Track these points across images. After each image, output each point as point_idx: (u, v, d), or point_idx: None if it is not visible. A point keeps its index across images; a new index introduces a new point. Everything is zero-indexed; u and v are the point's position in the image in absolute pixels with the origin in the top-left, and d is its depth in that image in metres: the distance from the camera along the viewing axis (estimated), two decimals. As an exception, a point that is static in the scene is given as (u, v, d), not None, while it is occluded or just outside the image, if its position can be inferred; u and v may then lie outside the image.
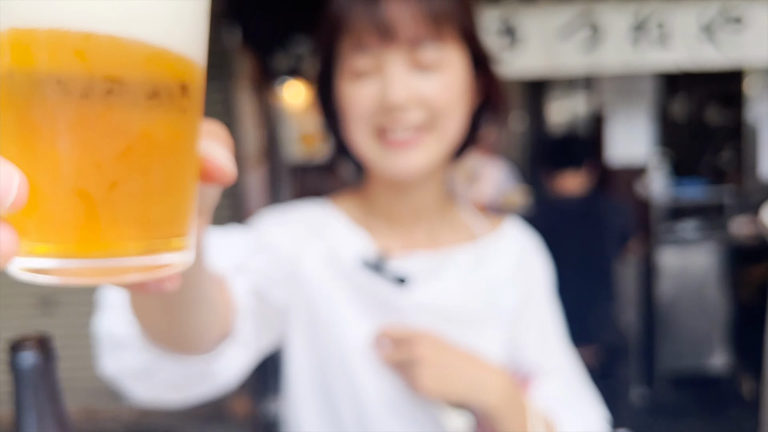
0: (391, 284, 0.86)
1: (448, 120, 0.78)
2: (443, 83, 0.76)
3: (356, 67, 0.76)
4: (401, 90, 0.74)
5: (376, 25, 0.73)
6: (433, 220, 0.92)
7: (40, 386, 0.62)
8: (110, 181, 0.29)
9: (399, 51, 0.74)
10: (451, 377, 0.78)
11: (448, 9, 0.76)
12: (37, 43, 0.27)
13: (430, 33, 0.74)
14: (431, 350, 0.78)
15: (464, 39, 0.80)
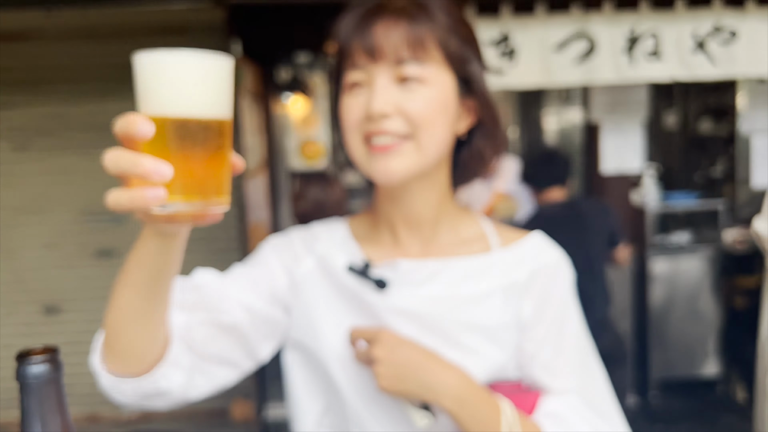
0: (372, 289, 0.92)
1: (426, 131, 0.85)
2: (423, 97, 0.84)
3: (350, 81, 0.86)
4: (383, 101, 0.83)
5: (366, 46, 0.83)
6: (433, 229, 0.96)
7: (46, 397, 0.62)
8: (203, 170, 0.60)
9: (384, 67, 0.84)
10: (404, 378, 0.84)
11: (431, 33, 0.85)
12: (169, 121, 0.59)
13: (411, 53, 0.83)
14: (386, 351, 0.85)
15: (449, 61, 0.87)
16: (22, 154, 3.91)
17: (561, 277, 0.98)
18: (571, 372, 0.94)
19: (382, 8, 0.86)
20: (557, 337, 0.94)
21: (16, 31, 3.78)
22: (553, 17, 3.33)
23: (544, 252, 0.98)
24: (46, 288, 3.99)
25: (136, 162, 0.57)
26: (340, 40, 0.88)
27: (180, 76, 0.56)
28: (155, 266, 0.76)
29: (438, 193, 0.95)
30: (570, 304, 0.98)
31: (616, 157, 4.02)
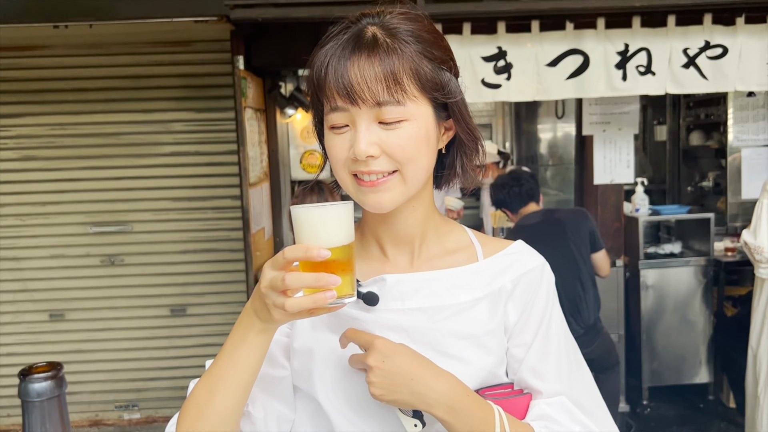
0: (360, 305, 0.95)
1: (411, 165, 0.88)
2: (405, 135, 0.87)
3: (333, 122, 0.88)
4: (367, 143, 0.85)
5: (344, 91, 0.85)
6: (420, 243, 0.99)
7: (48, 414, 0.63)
8: (347, 275, 0.81)
9: (365, 109, 0.85)
10: (396, 388, 0.86)
11: (405, 68, 0.86)
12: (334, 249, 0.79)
13: (389, 95, 0.85)
14: (380, 360, 0.86)
15: (425, 91, 0.88)
16: (28, 164, 3.97)
17: (544, 282, 1.01)
18: (558, 374, 0.96)
19: (357, 45, 0.86)
20: (543, 341, 0.97)
21: (24, 43, 3.86)
22: (547, 34, 3.42)
23: (527, 259, 1.02)
24: (51, 295, 4.04)
25: (319, 278, 0.76)
26: (317, 80, 0.89)
27: (333, 220, 0.80)
28: (257, 364, 0.88)
29: (424, 209, 0.98)
30: (554, 308, 1.01)
31: (609, 169, 4.10)
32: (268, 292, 0.79)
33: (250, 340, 0.86)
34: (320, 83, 0.88)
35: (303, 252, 0.77)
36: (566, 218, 3.15)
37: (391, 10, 0.91)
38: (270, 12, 3.32)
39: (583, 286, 3.08)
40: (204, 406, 0.88)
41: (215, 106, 3.98)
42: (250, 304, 0.86)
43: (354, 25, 0.90)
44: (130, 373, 4.12)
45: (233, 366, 0.87)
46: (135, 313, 4.09)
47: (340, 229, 0.81)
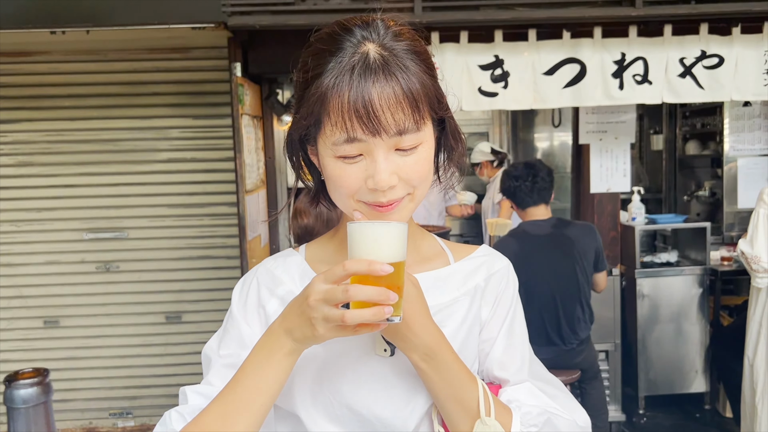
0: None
1: (422, 187, 0.89)
2: (421, 159, 0.86)
3: (346, 153, 0.83)
4: (387, 175, 0.83)
5: (367, 121, 0.80)
6: None
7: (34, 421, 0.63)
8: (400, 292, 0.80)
9: (386, 138, 0.82)
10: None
11: (420, 91, 0.83)
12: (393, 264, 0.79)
13: (412, 123, 0.82)
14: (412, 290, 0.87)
15: (432, 112, 0.88)
16: (24, 169, 3.96)
17: (511, 282, 1.05)
18: (522, 365, 1.02)
19: (366, 68, 0.81)
20: (508, 334, 1.02)
21: (21, 49, 3.85)
22: (544, 43, 3.43)
23: (494, 260, 1.06)
24: (45, 302, 4.03)
25: (382, 292, 0.76)
26: (326, 102, 0.82)
27: (392, 237, 0.80)
28: (281, 387, 0.86)
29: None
30: (517, 306, 1.05)
31: (605, 178, 4.11)
32: (320, 305, 0.78)
33: (277, 362, 0.83)
34: (327, 108, 0.82)
35: (366, 266, 0.77)
36: (576, 237, 3.05)
37: (376, 19, 0.87)
38: (267, 19, 3.32)
39: (583, 307, 3.08)
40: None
41: (212, 112, 3.98)
42: (279, 324, 0.84)
43: (346, 39, 0.84)
44: (124, 381, 4.10)
45: (256, 390, 0.84)
46: (130, 320, 4.07)
47: (397, 247, 0.80)
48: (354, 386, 0.93)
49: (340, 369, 0.94)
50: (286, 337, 0.83)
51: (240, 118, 3.39)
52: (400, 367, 0.94)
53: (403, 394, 0.94)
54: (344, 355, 0.94)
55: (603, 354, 4.06)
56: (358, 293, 0.76)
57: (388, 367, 0.94)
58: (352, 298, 0.76)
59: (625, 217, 4.34)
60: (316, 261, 1.02)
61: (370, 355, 0.94)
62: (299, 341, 0.82)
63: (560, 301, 3.00)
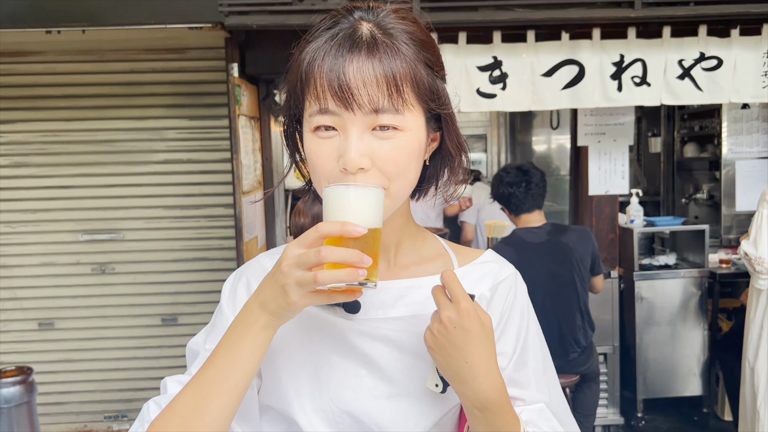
0: (341, 314, 0.91)
1: (400, 181, 0.83)
2: (399, 147, 0.81)
3: (319, 123, 0.81)
4: (359, 154, 0.79)
5: (340, 94, 0.78)
6: (396, 250, 0.96)
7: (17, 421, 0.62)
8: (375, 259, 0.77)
9: (360, 115, 0.79)
10: (448, 354, 0.82)
11: (407, 73, 0.80)
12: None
13: (389, 102, 0.79)
14: (453, 321, 0.81)
15: (420, 100, 0.83)
16: (19, 170, 3.94)
17: (519, 291, 0.99)
18: (537, 382, 0.96)
19: (353, 43, 0.79)
20: (522, 350, 0.96)
21: (16, 48, 3.83)
22: (543, 44, 3.42)
23: (500, 268, 1.00)
24: (40, 304, 4.00)
25: (355, 253, 0.74)
26: (305, 75, 0.81)
27: (367, 201, 0.78)
28: (256, 366, 0.82)
29: (402, 217, 0.95)
30: (530, 317, 0.99)
31: (604, 180, 4.10)
32: (292, 270, 0.75)
33: (252, 338, 0.80)
34: (308, 79, 0.81)
35: (339, 227, 0.74)
36: (573, 243, 2.99)
37: (383, 7, 0.85)
38: (265, 19, 3.31)
39: (583, 315, 3.05)
40: (191, 415, 0.80)
41: (209, 113, 3.96)
42: (254, 298, 0.81)
43: (345, 18, 0.83)
44: (119, 383, 4.07)
45: (230, 369, 0.80)
46: (125, 322, 4.05)
47: (372, 212, 0.77)
48: (356, 393, 0.90)
49: (341, 374, 0.91)
50: (260, 310, 0.80)
51: (237, 119, 3.37)
52: (405, 375, 0.91)
53: (408, 403, 0.91)
54: (346, 359, 0.91)
55: (601, 357, 4.05)
56: (330, 254, 0.73)
57: (393, 374, 0.91)
58: (324, 259, 0.73)
59: (624, 220, 4.33)
60: None
61: (373, 361, 0.91)
62: (274, 314, 0.79)
63: (559, 311, 2.98)
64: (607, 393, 4.05)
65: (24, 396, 0.75)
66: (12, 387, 0.72)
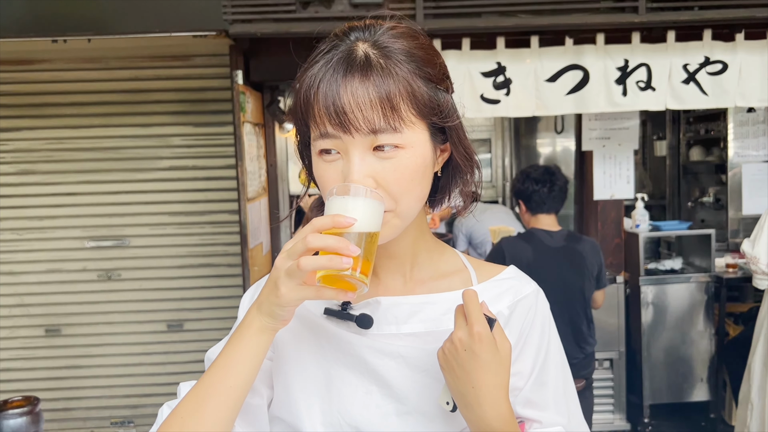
0: (353, 329, 0.91)
1: (405, 199, 0.83)
2: (401, 165, 0.81)
3: (323, 147, 0.82)
4: (361, 176, 0.79)
5: (336, 118, 0.78)
6: (412, 264, 0.95)
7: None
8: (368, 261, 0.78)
9: (359, 137, 0.79)
10: (459, 377, 0.81)
11: (404, 92, 0.80)
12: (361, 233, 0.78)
13: (385, 122, 0.79)
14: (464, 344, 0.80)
15: (421, 116, 0.83)
16: (26, 177, 3.96)
17: (539, 309, 0.97)
18: (556, 404, 0.94)
19: (348, 65, 0.80)
20: (541, 370, 0.94)
21: (23, 57, 3.86)
22: (547, 49, 3.41)
23: (522, 285, 0.98)
24: (47, 310, 4.02)
25: (341, 240, 0.74)
26: (304, 103, 0.83)
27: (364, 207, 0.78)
28: (253, 369, 0.83)
29: (416, 230, 0.94)
30: (551, 336, 0.97)
31: (609, 184, 4.10)
32: (284, 262, 0.77)
33: (247, 341, 0.82)
34: (308, 107, 0.82)
35: (330, 219, 0.76)
36: (586, 253, 2.99)
37: (380, 23, 0.85)
38: (269, 27, 3.32)
39: (588, 324, 3.04)
40: (189, 418, 0.81)
41: (214, 120, 3.97)
42: (255, 301, 0.82)
43: (342, 41, 0.83)
44: (126, 389, 4.08)
45: (225, 371, 0.82)
46: (131, 328, 4.06)
47: (369, 218, 0.78)
48: (365, 409, 0.89)
49: (351, 389, 0.90)
50: (257, 312, 0.81)
51: (242, 125, 3.38)
52: (415, 393, 0.90)
53: (417, 422, 0.90)
54: (356, 374, 0.91)
55: (607, 362, 4.04)
56: (314, 240, 0.74)
57: (403, 391, 0.90)
58: (310, 244, 0.74)
59: (629, 224, 4.32)
60: None
61: (383, 377, 0.90)
62: (268, 313, 0.80)
63: (568, 316, 2.98)
64: (614, 398, 4.03)
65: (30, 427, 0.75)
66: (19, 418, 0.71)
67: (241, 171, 3.39)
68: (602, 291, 3.13)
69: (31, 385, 3.97)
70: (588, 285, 3.00)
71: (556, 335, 0.99)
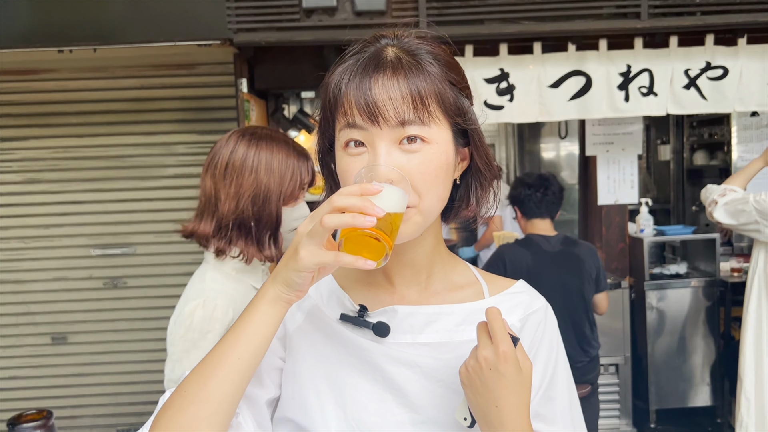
0: (369, 336, 0.91)
1: (429, 195, 0.84)
2: (426, 160, 0.82)
3: (349, 137, 0.83)
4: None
5: (366, 109, 0.80)
6: (428, 274, 0.96)
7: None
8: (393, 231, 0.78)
9: (387, 129, 0.81)
10: (477, 395, 0.82)
11: (432, 90, 0.83)
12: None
13: (414, 115, 0.81)
14: (489, 363, 0.81)
15: (446, 115, 0.85)
16: (32, 186, 3.98)
17: (549, 324, 0.99)
18: (563, 418, 0.95)
19: (378, 63, 0.83)
20: (549, 385, 0.95)
21: (29, 67, 3.88)
22: (550, 56, 3.43)
23: (532, 299, 1.00)
24: (53, 318, 4.03)
25: (365, 200, 0.74)
26: (334, 95, 0.85)
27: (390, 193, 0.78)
28: (264, 342, 0.81)
29: (434, 239, 0.95)
30: (559, 351, 0.98)
31: (613, 189, 4.10)
32: (306, 226, 0.77)
33: (259, 311, 0.80)
34: (336, 99, 0.84)
35: (358, 186, 0.76)
36: (584, 256, 3.02)
37: (408, 34, 0.89)
38: (273, 36, 3.34)
39: (591, 327, 3.05)
40: (194, 392, 0.79)
41: (218, 128, 3.98)
42: (272, 273, 0.81)
43: (372, 45, 0.87)
44: (132, 397, 4.09)
45: (236, 342, 0.80)
46: (137, 335, 4.06)
47: (395, 196, 0.77)
48: (379, 418, 0.89)
49: (366, 398, 0.90)
50: (272, 282, 0.80)
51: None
52: (430, 403, 0.90)
53: (433, 431, 0.90)
54: (371, 381, 0.90)
55: (613, 367, 4.03)
56: (340, 199, 0.74)
57: (418, 401, 0.90)
58: (334, 203, 0.74)
59: (634, 229, 4.32)
60: (343, 278, 1.00)
61: (398, 386, 0.90)
62: (284, 281, 0.79)
63: (570, 320, 2.98)
64: (620, 403, 4.03)
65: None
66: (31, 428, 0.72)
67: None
68: (604, 294, 3.13)
69: (37, 393, 3.98)
70: (588, 288, 3.01)
71: (563, 349, 1.00)
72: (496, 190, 0.95)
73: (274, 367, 0.93)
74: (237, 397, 0.81)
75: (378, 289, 0.97)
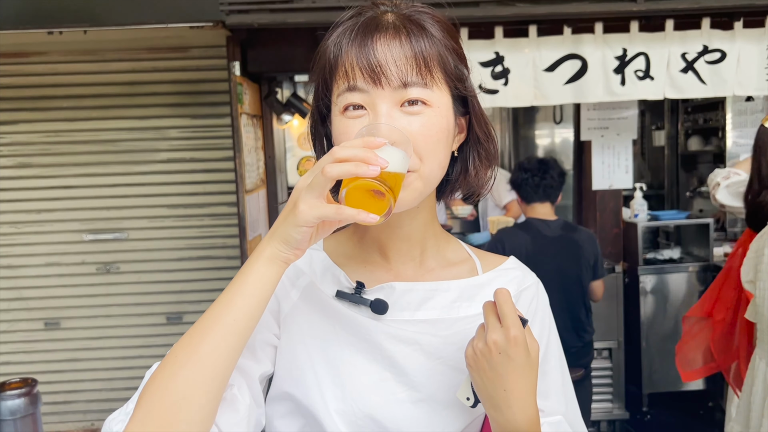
0: (367, 313, 0.89)
1: (429, 159, 0.82)
2: (428, 123, 0.81)
3: (349, 101, 0.81)
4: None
5: (369, 69, 0.79)
6: (421, 250, 0.95)
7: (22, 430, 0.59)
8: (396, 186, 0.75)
9: (388, 91, 0.80)
10: (485, 379, 0.80)
11: (434, 53, 0.82)
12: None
13: (417, 76, 0.80)
14: (498, 347, 0.78)
15: (447, 80, 0.84)
16: (23, 171, 3.95)
17: (541, 300, 0.98)
18: (556, 393, 0.95)
19: (379, 24, 0.82)
20: (543, 359, 0.94)
21: (18, 49, 3.84)
22: (545, 39, 3.40)
23: (525, 275, 1.00)
24: (46, 303, 4.01)
25: (366, 150, 0.71)
26: (333, 57, 0.83)
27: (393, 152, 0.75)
28: (260, 302, 0.77)
29: (427, 213, 0.94)
30: (551, 327, 0.98)
31: (607, 174, 4.09)
32: (306, 179, 0.73)
33: (255, 271, 0.76)
34: (336, 61, 0.82)
35: (360, 139, 0.73)
36: (582, 242, 3.02)
37: (406, 5, 0.87)
38: (266, 17, 3.30)
39: (586, 312, 3.06)
40: (186, 356, 0.74)
41: (211, 112, 3.96)
42: (269, 231, 0.78)
43: (369, 9, 0.85)
44: (125, 382, 4.08)
45: (230, 303, 0.75)
46: (131, 321, 4.06)
47: (396, 154, 0.74)
48: (379, 397, 0.87)
49: (365, 377, 0.88)
50: (269, 240, 0.76)
51: (239, 117, 3.37)
52: (430, 380, 0.89)
53: (433, 409, 0.89)
54: (370, 360, 0.89)
55: (606, 352, 4.04)
56: (341, 150, 0.71)
57: (418, 378, 0.89)
58: (336, 154, 0.71)
59: (628, 214, 4.32)
60: (337, 255, 0.97)
61: (398, 363, 0.89)
62: (281, 239, 0.75)
63: (566, 304, 2.99)
64: (612, 388, 4.04)
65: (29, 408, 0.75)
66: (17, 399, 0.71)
67: (239, 163, 3.38)
68: (600, 282, 3.13)
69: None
70: (585, 274, 3.01)
71: (554, 325, 1.00)
72: (494, 156, 0.94)
73: (268, 343, 0.91)
74: (231, 363, 0.76)
75: (373, 266, 0.95)
